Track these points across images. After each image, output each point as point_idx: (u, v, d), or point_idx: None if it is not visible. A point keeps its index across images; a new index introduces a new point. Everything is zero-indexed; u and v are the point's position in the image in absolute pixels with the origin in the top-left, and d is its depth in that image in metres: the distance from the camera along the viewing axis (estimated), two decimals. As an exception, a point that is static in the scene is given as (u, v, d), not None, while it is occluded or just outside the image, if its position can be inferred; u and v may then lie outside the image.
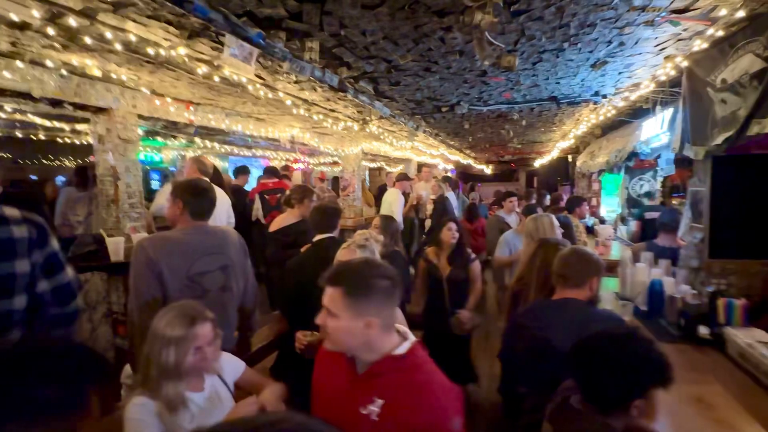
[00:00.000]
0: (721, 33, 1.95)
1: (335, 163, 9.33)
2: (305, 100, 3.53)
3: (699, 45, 2.13)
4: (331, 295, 0.97)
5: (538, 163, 11.52)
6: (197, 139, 5.90)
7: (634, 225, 4.59)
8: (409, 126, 4.29)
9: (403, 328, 1.09)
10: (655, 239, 3.47)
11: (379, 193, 7.13)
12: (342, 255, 1.64)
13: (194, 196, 1.81)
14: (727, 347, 1.92)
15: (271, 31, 2.01)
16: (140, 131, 4.94)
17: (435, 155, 9.07)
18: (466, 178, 13.52)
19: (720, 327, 2.03)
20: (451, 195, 6.01)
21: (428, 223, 6.19)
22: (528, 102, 3.73)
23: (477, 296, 2.81)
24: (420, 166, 7.29)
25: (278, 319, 2.36)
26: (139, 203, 3.23)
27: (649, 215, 4.29)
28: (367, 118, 4.31)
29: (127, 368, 1.81)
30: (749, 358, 1.73)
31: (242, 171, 4.29)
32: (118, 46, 2.12)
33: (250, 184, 5.36)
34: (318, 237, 2.42)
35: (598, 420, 1.03)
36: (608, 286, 3.15)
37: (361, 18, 1.87)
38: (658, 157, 4.13)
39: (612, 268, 3.34)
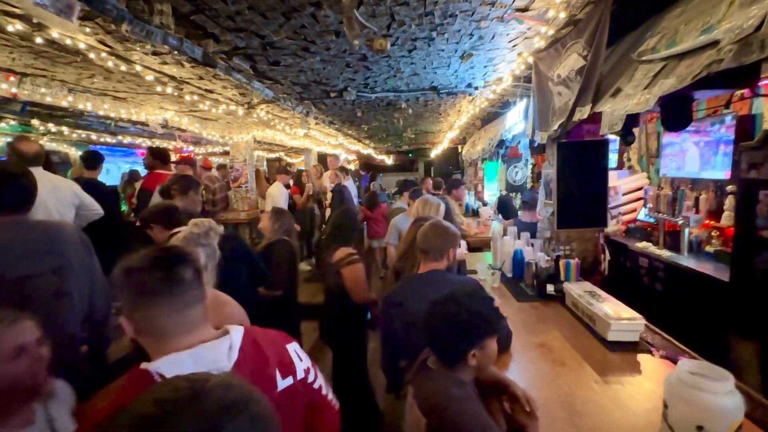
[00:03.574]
0: (552, 32, 2.28)
1: (227, 153, 8.59)
2: (173, 77, 3.11)
3: (538, 43, 2.46)
4: None
5: (433, 154, 12.33)
6: (36, 122, 4.78)
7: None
8: (299, 111, 4.13)
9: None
10: (519, 216, 4.01)
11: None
12: None
13: None
14: (566, 299, 2.30)
15: (105, -15, 1.69)
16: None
17: (334, 145, 9.00)
18: (368, 168, 13.80)
19: (561, 284, 2.42)
20: (349, 183, 6.05)
21: (328, 212, 6.16)
22: (411, 91, 3.90)
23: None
24: (326, 156, 7.20)
25: None
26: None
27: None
28: (252, 101, 4.02)
29: None
30: (579, 305, 2.09)
31: (97, 159, 3.56)
32: None
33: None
34: None
35: (448, 375, 1.12)
36: (485, 259, 3.53)
37: (217, -19, 1.69)
38: (519, 143, 4.75)
39: (490, 244, 3.76)
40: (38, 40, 2.17)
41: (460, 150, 10.54)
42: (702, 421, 0.97)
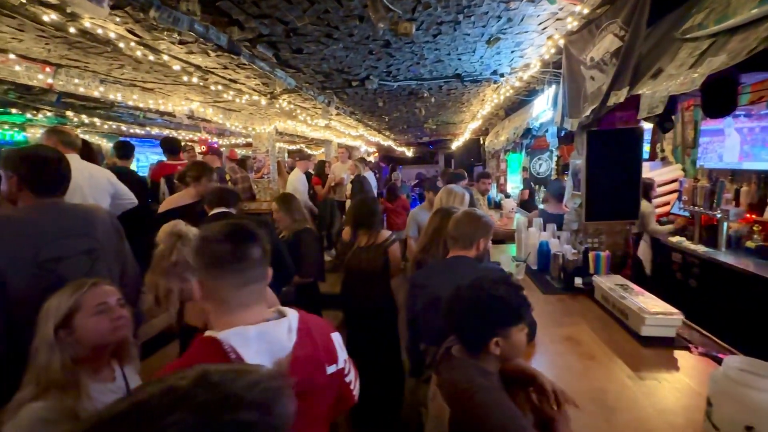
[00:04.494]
0: (586, 11, 2.16)
1: (249, 144, 8.71)
2: (198, 67, 3.15)
3: (571, 23, 2.35)
4: None
5: (454, 146, 12.13)
6: (70, 113, 4.96)
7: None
8: (320, 101, 4.12)
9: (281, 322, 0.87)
10: (545, 207, 3.89)
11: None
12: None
13: (33, 168, 1.49)
14: (595, 293, 2.22)
15: (133, -29, 1.71)
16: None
17: (355, 136, 8.99)
18: (388, 160, 13.74)
19: (590, 277, 2.33)
20: (369, 174, 6.04)
21: (348, 203, 6.17)
22: (435, 79, 3.81)
23: None
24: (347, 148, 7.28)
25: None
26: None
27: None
28: (275, 91, 4.04)
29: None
30: (609, 299, 2.01)
31: (130, 149, 3.69)
32: None
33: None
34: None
35: (472, 364, 1.09)
36: (509, 251, 3.46)
37: (242, -36, 1.67)
38: (546, 131, 4.59)
39: (513, 236, 3.67)
40: (71, 30, 2.23)
41: (482, 141, 10.32)
42: (752, 421, 0.91)
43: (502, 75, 3.69)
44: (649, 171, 4.38)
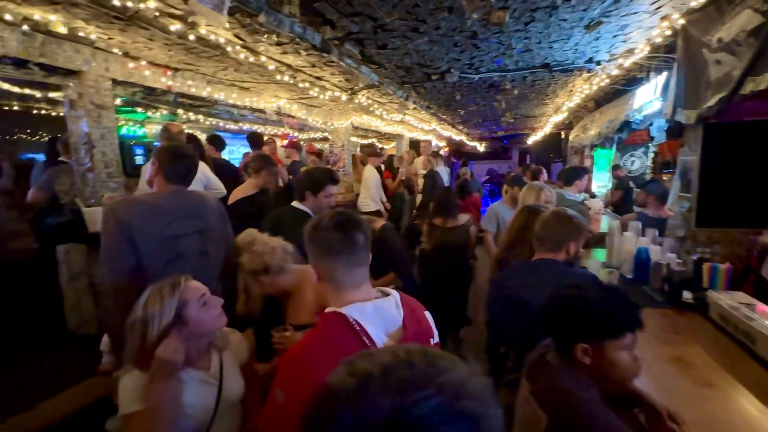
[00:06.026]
0: (720, -16, 1.87)
1: (325, 138, 9.13)
2: (289, 66, 3.38)
3: (697, 0, 2.04)
4: None
5: (531, 141, 11.43)
6: (180, 111, 5.67)
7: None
8: (398, 95, 4.16)
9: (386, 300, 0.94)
10: (645, 209, 3.48)
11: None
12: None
13: (170, 160, 1.74)
14: (710, 310, 1.93)
15: (245, -21, 1.87)
16: (119, 101, 4.77)
17: (427, 130, 8.92)
18: (459, 155, 13.41)
19: (703, 291, 2.04)
20: (441, 169, 5.96)
21: (419, 198, 6.16)
22: (520, 69, 3.61)
23: None
24: (417, 142, 7.23)
25: None
26: (117, 172, 3.11)
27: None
28: (355, 87, 4.16)
29: (106, 337, 1.77)
30: (730, 319, 1.74)
31: (224, 142, 4.13)
32: (80, -4, 1.97)
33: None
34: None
35: (570, 374, 1.02)
36: (597, 257, 3.17)
37: (341, -35, 1.74)
38: (650, 124, 4.07)
39: (601, 240, 3.34)
40: (191, 37, 2.53)
41: (563, 136, 9.56)
42: None
43: (598, 63, 3.36)
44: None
